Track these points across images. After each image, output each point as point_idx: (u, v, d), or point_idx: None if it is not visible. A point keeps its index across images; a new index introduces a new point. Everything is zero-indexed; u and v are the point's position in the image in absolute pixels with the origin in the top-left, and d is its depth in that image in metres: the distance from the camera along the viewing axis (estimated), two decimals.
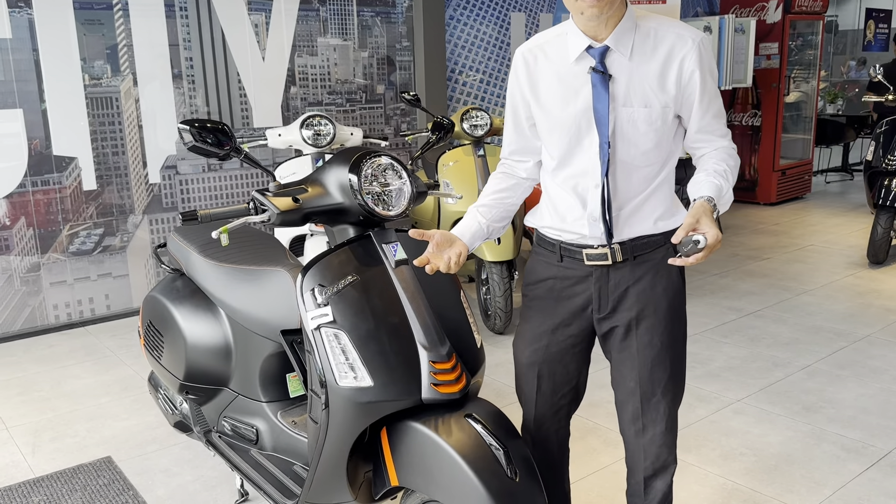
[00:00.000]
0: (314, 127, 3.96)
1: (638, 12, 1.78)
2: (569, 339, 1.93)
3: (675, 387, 1.90)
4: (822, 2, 7.80)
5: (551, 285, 1.93)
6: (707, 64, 1.75)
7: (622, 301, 1.85)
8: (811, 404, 3.34)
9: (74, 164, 4.52)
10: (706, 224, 1.60)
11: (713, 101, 1.78)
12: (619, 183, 1.79)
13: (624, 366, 1.90)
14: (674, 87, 1.74)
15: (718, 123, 1.81)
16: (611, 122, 1.75)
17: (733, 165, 1.80)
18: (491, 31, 6.37)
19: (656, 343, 1.85)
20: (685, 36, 1.73)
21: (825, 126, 8.98)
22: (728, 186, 1.74)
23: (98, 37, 4.50)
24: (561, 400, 2.00)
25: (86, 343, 4.31)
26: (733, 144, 1.85)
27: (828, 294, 4.89)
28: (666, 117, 1.76)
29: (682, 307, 1.90)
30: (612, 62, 1.73)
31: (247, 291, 2.34)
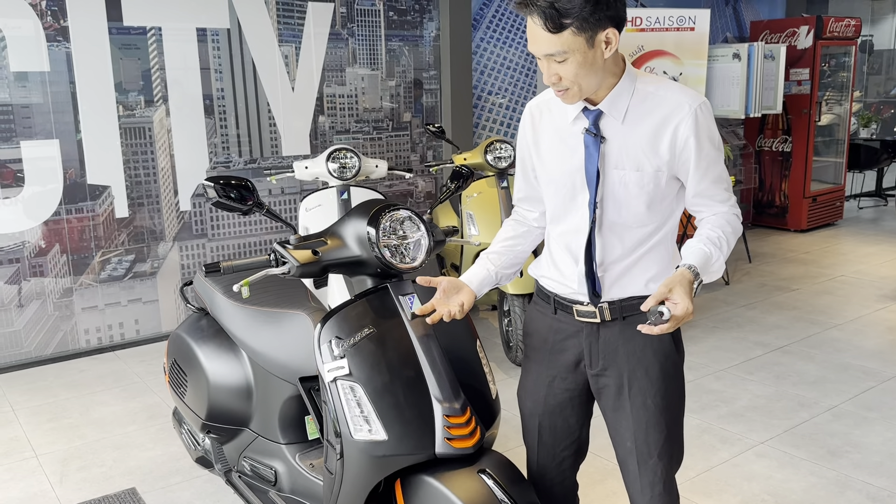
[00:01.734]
0: (340, 160, 4.02)
1: (640, 74, 1.77)
2: (565, 392, 1.95)
3: (672, 448, 1.89)
4: (855, 27, 7.71)
5: (546, 337, 1.96)
6: (705, 130, 1.73)
7: (613, 360, 1.86)
8: (836, 448, 3.29)
9: (108, 193, 4.63)
10: (678, 294, 1.60)
11: (711, 167, 1.77)
12: (607, 243, 1.82)
13: (620, 425, 1.90)
14: (667, 153, 1.73)
15: (717, 188, 1.79)
16: (601, 184, 1.77)
17: (730, 232, 1.79)
18: (518, 58, 6.40)
19: (650, 405, 1.85)
20: (682, 102, 1.71)
21: (858, 150, 8.86)
22: (719, 254, 1.74)
23: (133, 61, 4.62)
24: (563, 451, 2.01)
25: (115, 369, 4.40)
26: (735, 209, 1.84)
27: (857, 329, 4.82)
28: (658, 181, 1.75)
29: (677, 368, 1.88)
30: (605, 125, 1.75)
31: (267, 334, 2.38)
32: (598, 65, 1.66)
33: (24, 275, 4.44)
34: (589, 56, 1.64)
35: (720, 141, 1.78)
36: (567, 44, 1.61)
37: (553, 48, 1.63)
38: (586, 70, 1.65)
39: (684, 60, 6.27)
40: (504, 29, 6.29)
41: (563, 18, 1.59)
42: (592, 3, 1.57)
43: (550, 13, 1.58)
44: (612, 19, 1.61)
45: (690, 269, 1.67)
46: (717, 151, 1.76)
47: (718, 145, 1.76)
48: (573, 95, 1.71)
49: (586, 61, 1.64)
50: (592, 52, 1.64)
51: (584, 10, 1.57)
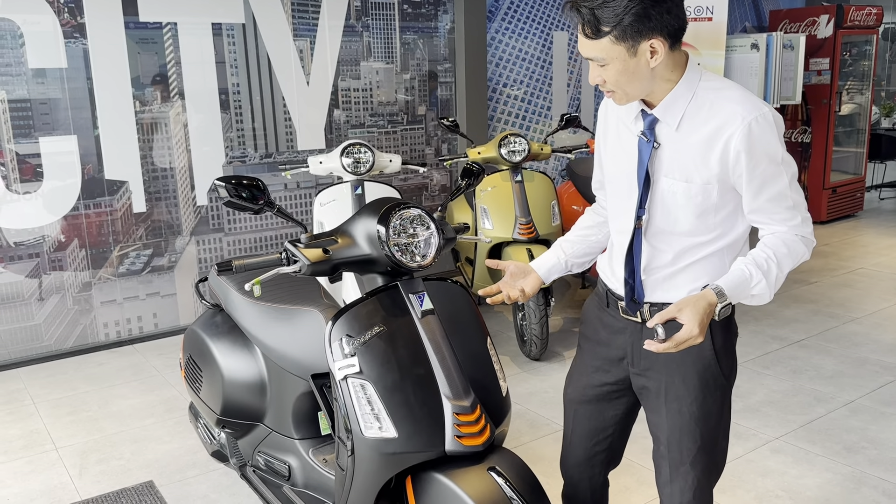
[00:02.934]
0: (354, 155, 4.03)
1: (706, 78, 1.69)
2: (605, 385, 1.95)
3: (707, 459, 1.85)
4: (877, 16, 7.59)
5: (596, 328, 1.97)
6: (761, 144, 1.62)
7: (653, 363, 1.84)
8: (852, 444, 3.26)
9: (125, 188, 4.67)
10: (686, 316, 1.57)
11: (768, 184, 1.66)
12: (654, 248, 1.79)
13: (657, 427, 1.89)
14: (717, 166, 1.66)
15: (776, 207, 1.68)
16: (651, 190, 1.74)
17: (784, 254, 1.68)
18: (533, 50, 6.37)
19: (685, 412, 1.82)
20: (737, 113, 1.62)
21: (879, 140, 8.74)
22: (760, 277, 1.65)
23: (149, 56, 4.65)
24: (596, 447, 2.01)
25: (133, 362, 4.45)
26: (801, 230, 1.70)
27: (876, 323, 4.77)
28: (708, 193, 1.68)
29: (718, 381, 1.83)
30: (660, 130, 1.71)
31: (280, 331, 2.40)
32: (641, 73, 1.62)
33: (44, 269, 4.50)
34: (630, 64, 1.60)
35: (785, 156, 1.65)
36: (606, 51, 1.59)
37: (593, 53, 1.61)
38: (628, 77, 1.62)
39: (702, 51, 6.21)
40: (520, 20, 6.26)
41: (602, 26, 1.56)
42: (633, 14, 1.53)
43: (590, 19, 1.57)
44: (658, 30, 1.56)
45: (716, 290, 1.62)
46: (776, 167, 1.65)
47: (781, 160, 1.65)
48: (620, 98, 1.69)
49: (627, 69, 1.61)
50: (635, 61, 1.59)
51: (624, 20, 1.54)
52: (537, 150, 4.45)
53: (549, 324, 4.17)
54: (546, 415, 3.60)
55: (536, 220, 4.24)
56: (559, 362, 4.24)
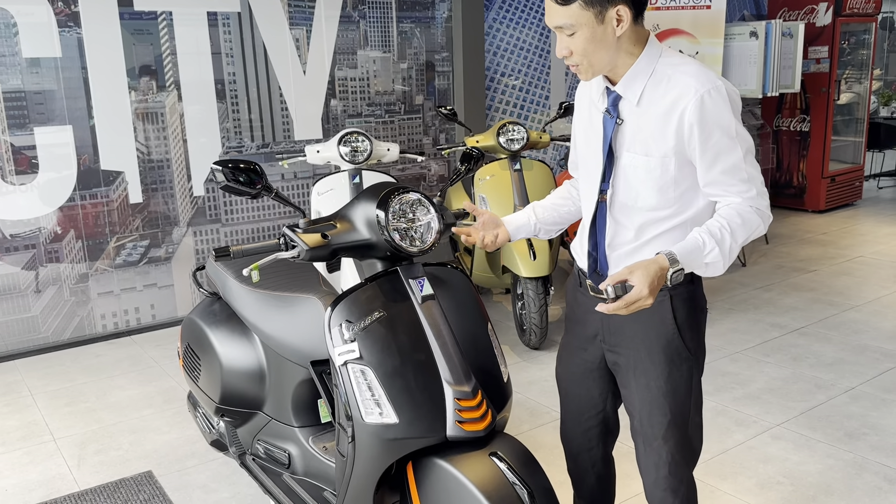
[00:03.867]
0: (351, 144, 4.01)
1: (666, 54, 1.70)
2: (585, 363, 1.99)
3: (679, 434, 1.87)
4: (875, 4, 7.57)
5: (573, 307, 2.02)
6: (712, 117, 1.64)
7: (621, 338, 1.88)
8: (853, 430, 3.25)
9: (121, 178, 4.65)
10: (636, 278, 1.57)
11: (722, 156, 1.67)
12: (618, 223, 1.82)
13: (629, 402, 1.92)
14: (673, 138, 1.68)
15: (731, 179, 1.70)
16: (615, 166, 1.77)
17: (738, 224, 1.68)
18: (531, 39, 6.34)
19: (653, 387, 1.85)
20: (691, 86, 1.64)
21: (878, 129, 8.73)
22: (714, 245, 1.65)
23: (144, 46, 4.62)
24: (588, 422, 2.04)
25: (131, 353, 4.43)
26: (757, 202, 1.72)
27: (875, 310, 4.76)
28: (666, 166, 1.71)
29: (683, 354, 1.84)
30: (623, 106, 1.74)
31: (279, 318, 2.38)
32: (608, 41, 1.64)
33: (41, 261, 4.48)
34: (598, 32, 1.62)
35: (739, 129, 1.66)
36: (575, 17, 1.61)
37: (562, 20, 1.63)
38: (595, 45, 1.64)
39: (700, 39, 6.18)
40: (518, 9, 6.22)
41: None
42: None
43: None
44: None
45: (668, 256, 1.62)
46: (730, 140, 1.66)
47: (735, 134, 1.66)
48: (585, 71, 1.71)
49: (595, 37, 1.62)
50: (602, 28, 1.62)
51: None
52: (536, 138, 4.43)
53: (548, 313, 4.16)
54: (546, 403, 3.58)
55: None
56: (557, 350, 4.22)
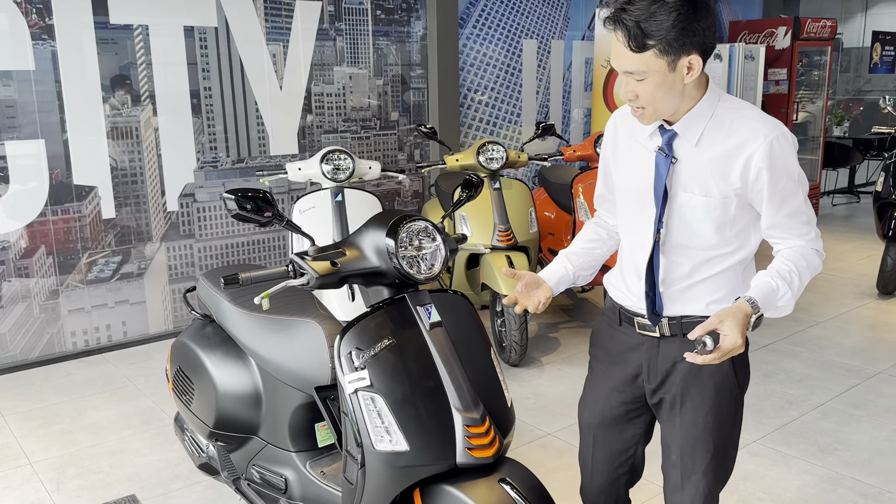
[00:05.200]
0: (334, 161, 4.01)
1: (724, 98, 1.74)
2: (622, 405, 1.97)
3: (718, 468, 1.89)
4: (831, 28, 7.85)
5: (608, 348, 1.98)
6: (780, 163, 1.67)
7: (670, 375, 1.87)
8: (826, 446, 3.37)
9: (94, 193, 4.57)
10: (727, 327, 1.59)
11: (787, 200, 1.72)
12: (672, 261, 1.82)
13: (670, 438, 1.92)
14: (738, 181, 1.70)
15: (794, 222, 1.74)
16: (669, 204, 1.77)
17: (804, 266, 1.73)
18: (503, 57, 6.42)
19: (700, 423, 1.85)
20: (758, 131, 1.67)
21: (832, 148, 9.03)
22: (787, 289, 1.69)
23: (120, 60, 4.55)
24: (618, 469, 2.02)
25: (104, 371, 4.35)
26: (815, 244, 1.77)
27: (838, 326, 4.93)
28: (726, 207, 1.73)
29: (733, 392, 1.86)
30: (678, 146, 1.74)
31: (278, 343, 2.37)
32: (676, 88, 1.65)
33: (9, 276, 4.37)
34: (668, 79, 1.63)
35: (800, 174, 1.71)
36: (648, 64, 1.61)
37: (633, 66, 1.63)
38: (664, 92, 1.65)
39: None
40: (491, 27, 6.30)
41: (647, 39, 1.58)
42: (679, 29, 1.56)
43: (635, 32, 1.58)
44: (697, 46, 1.60)
45: (750, 301, 1.64)
46: (794, 184, 1.71)
47: (798, 178, 1.71)
48: (648, 116, 1.72)
49: (665, 83, 1.63)
50: (672, 76, 1.63)
51: (670, 34, 1.57)
52: (515, 157, 4.49)
53: (528, 330, 4.21)
54: (529, 421, 3.63)
55: (515, 227, 4.28)
56: (538, 368, 4.28)
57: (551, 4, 6.68)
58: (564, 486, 2.82)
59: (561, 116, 6.94)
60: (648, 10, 1.57)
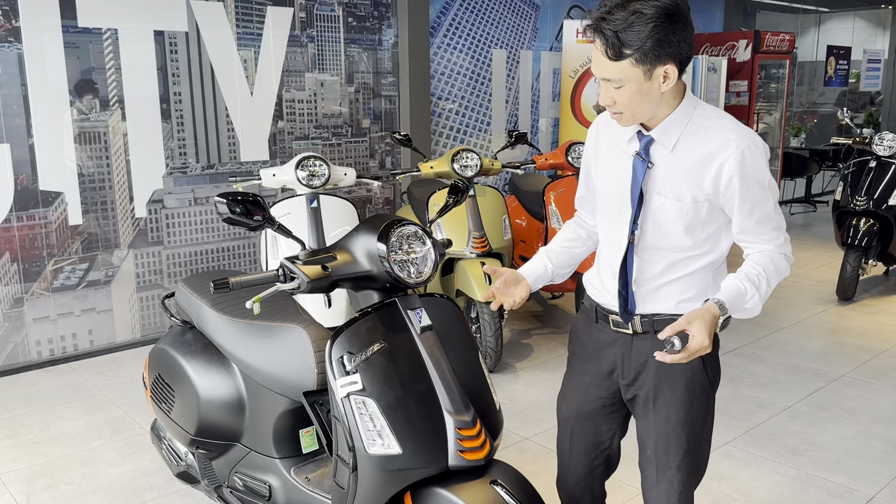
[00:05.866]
0: (309, 168, 4.00)
1: (700, 106, 1.79)
2: (598, 400, 2.02)
3: (692, 463, 1.94)
4: (790, 41, 8.08)
5: (585, 344, 2.03)
6: (751, 170, 1.73)
7: (642, 371, 1.92)
8: (795, 447, 3.45)
9: (61, 199, 4.47)
10: (695, 328, 1.66)
11: (758, 207, 1.78)
12: (644, 261, 1.87)
13: (644, 433, 1.97)
14: (710, 187, 1.76)
15: (763, 227, 1.81)
16: (644, 207, 1.83)
17: (772, 270, 1.81)
18: (473, 66, 6.47)
19: (672, 418, 1.90)
20: (731, 140, 1.73)
21: (790, 159, 9.28)
22: (754, 291, 1.76)
23: (89, 64, 4.48)
24: (595, 461, 2.07)
25: (71, 381, 4.25)
26: (784, 249, 1.84)
27: (802, 331, 5.06)
28: (698, 211, 1.79)
29: (704, 388, 1.92)
30: (654, 151, 1.80)
31: (262, 349, 2.36)
32: (652, 96, 1.71)
33: None
34: (644, 87, 1.69)
35: (770, 181, 1.78)
36: (624, 72, 1.67)
37: (611, 74, 1.68)
38: (640, 99, 1.71)
39: None
40: (461, 37, 6.35)
41: (624, 48, 1.64)
42: (655, 39, 1.62)
43: (613, 41, 1.64)
44: (673, 56, 1.65)
45: (718, 304, 1.71)
46: (765, 191, 1.77)
47: (768, 185, 1.77)
48: (626, 119, 1.77)
49: (641, 91, 1.69)
50: (648, 84, 1.68)
51: (646, 44, 1.62)
52: (488, 165, 4.53)
53: (503, 336, 4.23)
54: (506, 426, 3.64)
55: (489, 234, 4.31)
56: (512, 374, 4.31)
57: (520, 15, 6.76)
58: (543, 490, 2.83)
59: (530, 125, 7.01)
60: (626, 20, 1.63)
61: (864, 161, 5.66)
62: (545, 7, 6.95)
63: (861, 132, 6.03)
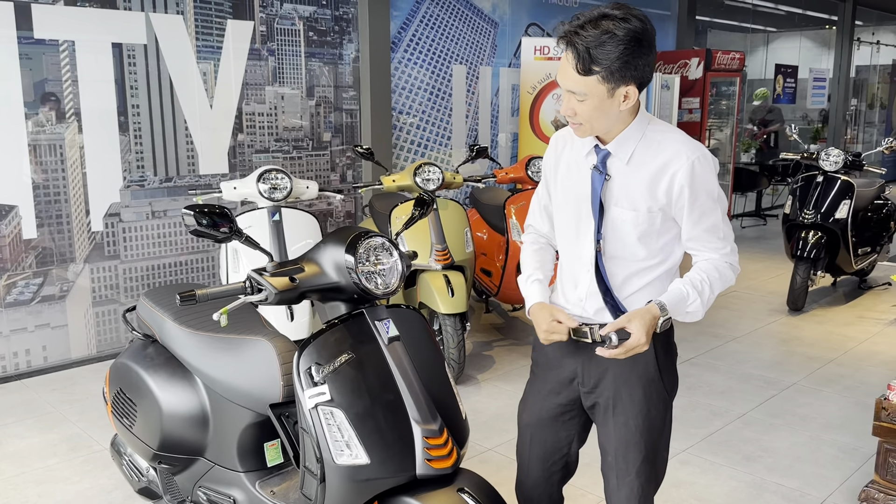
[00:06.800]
0: (271, 181, 3.99)
1: (653, 121, 1.88)
2: (557, 407, 2.06)
3: (650, 469, 2.00)
4: (740, 60, 8.33)
5: (547, 353, 2.07)
6: (701, 182, 1.82)
7: (602, 379, 1.98)
8: (750, 454, 3.55)
9: (14, 213, 4.38)
10: (634, 326, 1.76)
11: (705, 216, 1.86)
12: (609, 271, 1.93)
13: (605, 440, 2.02)
14: (663, 197, 1.84)
15: (710, 237, 1.89)
16: (605, 218, 1.90)
17: (716, 277, 1.89)
18: (434, 81, 6.54)
19: (631, 425, 1.96)
20: (683, 152, 1.81)
21: (741, 174, 9.54)
22: (696, 296, 1.85)
23: (44, 75, 4.41)
24: (552, 467, 2.11)
25: (25, 398, 4.15)
26: (730, 258, 1.92)
27: (754, 341, 5.20)
28: (652, 220, 1.86)
29: (661, 396, 1.98)
30: (611, 164, 1.88)
31: (227, 362, 2.35)
32: (611, 112, 1.79)
33: None
34: (606, 103, 1.76)
35: (720, 193, 1.87)
36: (589, 87, 1.74)
37: (576, 87, 1.75)
38: (599, 114, 1.78)
39: None
40: (421, 52, 6.41)
41: (594, 65, 1.71)
42: (622, 61, 1.70)
43: (584, 56, 1.71)
44: (636, 78, 1.74)
45: (659, 305, 1.82)
46: (713, 202, 1.85)
47: (717, 197, 1.86)
48: (584, 131, 1.85)
49: (602, 107, 1.77)
50: (610, 101, 1.76)
51: (614, 64, 1.70)
52: (450, 179, 4.57)
53: (465, 348, 4.27)
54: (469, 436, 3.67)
55: (451, 246, 4.35)
56: (474, 385, 4.34)
57: (479, 32, 6.85)
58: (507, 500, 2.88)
59: (489, 140, 7.09)
60: (599, 38, 1.70)
61: (811, 176, 5.86)
62: (504, 24, 7.06)
63: (808, 148, 6.24)
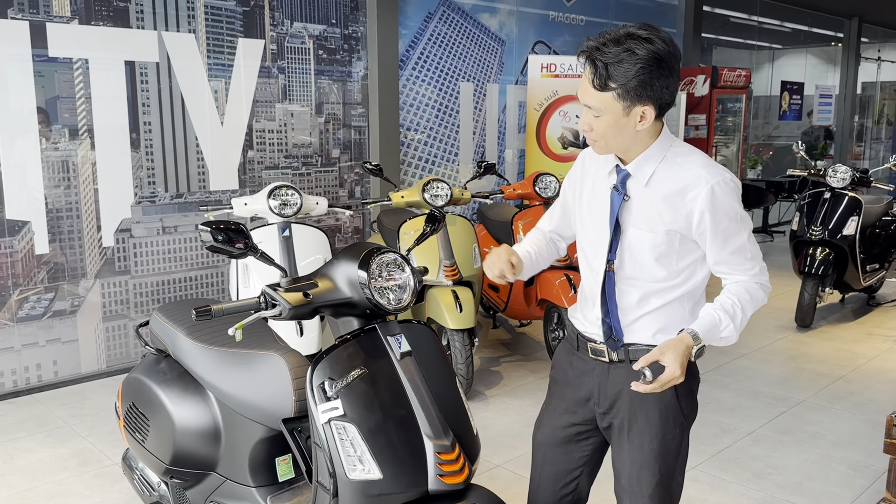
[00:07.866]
0: (281, 197, 4.03)
1: (676, 143, 1.87)
2: (573, 426, 2.06)
3: (664, 493, 1.98)
4: (746, 77, 8.37)
5: (566, 371, 2.08)
6: (722, 206, 1.80)
7: (618, 400, 1.97)
8: (760, 471, 3.54)
9: (27, 228, 4.43)
10: (668, 358, 1.73)
11: (730, 239, 1.84)
12: (623, 291, 1.93)
13: (619, 462, 2.01)
14: (683, 221, 1.83)
15: (738, 258, 1.86)
16: (621, 238, 1.90)
17: (747, 300, 1.87)
18: (442, 98, 6.59)
19: (646, 448, 1.95)
20: (702, 176, 1.80)
21: (747, 190, 9.55)
22: (729, 321, 1.83)
23: (58, 93, 4.47)
24: (563, 490, 2.09)
25: (35, 413, 4.17)
26: (760, 278, 1.89)
27: (763, 358, 5.19)
28: (671, 243, 1.86)
29: (678, 420, 1.96)
30: (631, 184, 1.88)
31: (240, 377, 2.37)
32: (627, 131, 1.79)
33: None
34: (621, 122, 1.77)
35: (743, 215, 1.85)
36: (605, 104, 1.75)
37: (593, 102, 1.77)
38: (615, 132, 1.79)
39: None
40: (429, 70, 6.46)
41: (610, 81, 1.72)
42: (639, 80, 1.71)
43: (602, 73, 1.72)
44: (653, 99, 1.74)
45: (692, 334, 1.78)
46: (736, 225, 1.83)
47: (740, 219, 1.84)
48: (600, 147, 1.86)
49: (617, 125, 1.78)
50: (626, 120, 1.77)
51: (631, 82, 1.71)
52: (458, 195, 4.60)
53: (473, 364, 4.28)
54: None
55: (459, 262, 4.37)
56: (482, 401, 4.35)
57: (486, 50, 6.91)
58: None
59: (496, 156, 7.13)
60: (618, 56, 1.72)
61: (818, 192, 5.87)
62: (511, 42, 7.12)
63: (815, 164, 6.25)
